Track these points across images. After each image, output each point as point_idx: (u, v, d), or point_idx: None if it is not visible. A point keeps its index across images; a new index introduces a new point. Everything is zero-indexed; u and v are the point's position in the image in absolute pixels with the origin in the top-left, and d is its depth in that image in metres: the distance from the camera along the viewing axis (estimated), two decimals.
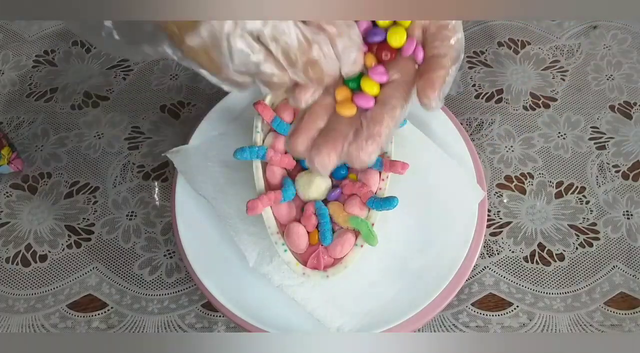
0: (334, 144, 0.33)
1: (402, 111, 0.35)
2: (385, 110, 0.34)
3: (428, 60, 0.35)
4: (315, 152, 0.33)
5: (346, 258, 0.41)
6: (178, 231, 0.47)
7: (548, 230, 0.50)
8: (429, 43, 0.36)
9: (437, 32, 0.35)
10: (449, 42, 0.35)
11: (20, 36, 0.65)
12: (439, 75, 0.34)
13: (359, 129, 0.34)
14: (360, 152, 0.33)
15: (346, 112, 0.35)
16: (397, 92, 0.35)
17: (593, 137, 0.55)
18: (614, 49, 0.60)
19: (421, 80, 0.35)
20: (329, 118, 0.35)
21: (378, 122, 0.34)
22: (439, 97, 0.34)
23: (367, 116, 0.34)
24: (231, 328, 0.48)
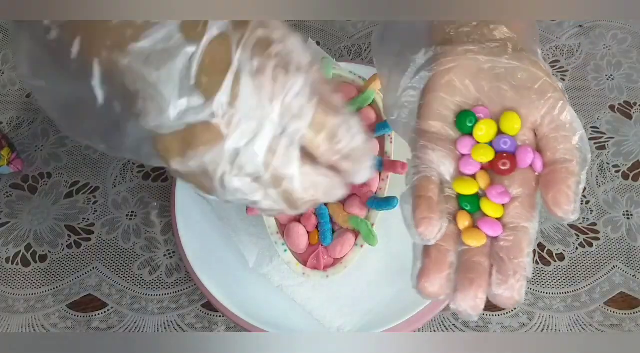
0: (480, 282, 0.29)
1: (535, 231, 0.31)
2: (519, 236, 0.31)
3: (552, 166, 0.31)
4: (462, 296, 0.29)
5: (346, 258, 0.41)
6: (178, 231, 0.47)
7: (548, 230, 0.50)
8: (548, 146, 0.32)
9: (555, 135, 0.31)
10: (571, 144, 0.31)
11: None
12: (571, 184, 0.30)
13: (500, 264, 0.30)
14: (513, 293, 0.29)
15: (476, 243, 0.31)
16: (522, 210, 0.31)
17: (593, 137, 0.55)
18: (614, 49, 0.60)
19: (551, 193, 0.30)
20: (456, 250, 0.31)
21: (518, 253, 0.30)
22: (577, 207, 0.30)
23: (503, 247, 0.30)
24: (231, 328, 0.48)
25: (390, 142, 0.45)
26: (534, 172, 0.32)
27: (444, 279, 0.30)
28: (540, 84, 0.32)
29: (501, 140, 0.32)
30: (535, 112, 0.32)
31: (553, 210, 0.30)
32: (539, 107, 0.31)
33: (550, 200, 0.31)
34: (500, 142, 0.32)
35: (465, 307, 0.29)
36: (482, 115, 0.32)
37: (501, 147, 0.32)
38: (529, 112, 0.32)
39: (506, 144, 0.32)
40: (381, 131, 0.45)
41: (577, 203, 0.30)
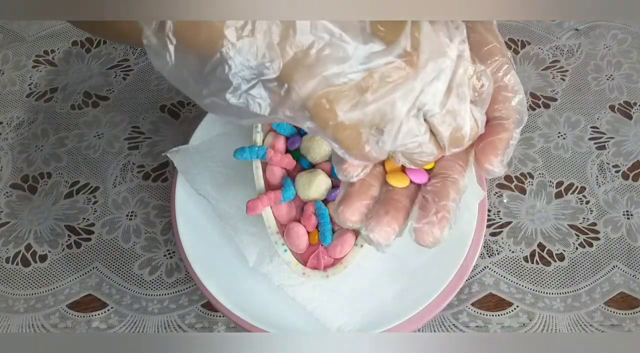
0: (396, 214, 0.31)
1: (464, 184, 0.32)
2: (447, 184, 0.32)
3: (489, 124, 0.32)
4: (375, 223, 0.30)
5: (346, 258, 0.41)
6: (178, 231, 0.47)
7: (548, 230, 0.50)
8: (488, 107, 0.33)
9: (496, 95, 0.32)
10: (510, 103, 0.32)
11: (20, 36, 0.65)
12: (502, 138, 0.32)
13: (424, 203, 0.31)
14: (432, 228, 0.30)
15: (399, 184, 0.32)
16: (454, 164, 0.32)
17: (593, 137, 0.55)
18: (614, 49, 0.60)
19: (481, 144, 0.32)
20: (381, 188, 0.32)
21: (444, 196, 0.31)
22: (502, 162, 0.32)
23: (430, 191, 0.31)
24: (231, 328, 0.48)
25: None
26: None
27: (362, 207, 0.31)
28: (489, 47, 0.32)
29: None
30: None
31: (480, 159, 0.32)
32: (486, 66, 0.32)
33: (479, 150, 0.32)
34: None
35: (377, 235, 0.30)
36: None
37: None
38: None
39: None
40: None
41: (506, 158, 0.32)
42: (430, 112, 0.28)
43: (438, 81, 0.27)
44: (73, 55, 0.63)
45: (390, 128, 0.27)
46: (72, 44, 0.64)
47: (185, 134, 0.51)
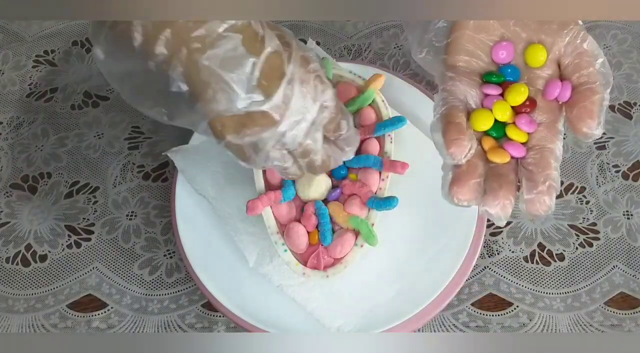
0: (509, 188, 0.32)
1: (560, 151, 0.34)
2: (545, 154, 0.33)
3: (577, 90, 0.34)
4: (492, 197, 0.32)
5: (346, 258, 0.41)
6: (178, 231, 0.47)
7: (548, 230, 0.50)
8: (572, 74, 0.34)
9: (578, 62, 0.34)
10: (594, 68, 0.34)
11: (20, 36, 0.65)
12: (594, 100, 0.33)
13: (529, 175, 0.32)
14: (544, 197, 0.31)
15: (500, 159, 0.33)
16: (549, 134, 0.34)
17: None
18: (614, 49, 0.60)
19: (575, 110, 0.33)
20: (484, 165, 0.33)
21: (546, 166, 0.32)
22: (600, 123, 0.33)
23: (531, 163, 0.33)
24: (231, 328, 0.48)
25: (390, 142, 0.45)
26: (558, 103, 0.35)
27: (475, 185, 0.32)
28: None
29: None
30: (558, 41, 0.35)
31: (577, 125, 0.33)
32: (562, 37, 0.34)
33: (574, 116, 0.33)
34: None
35: (496, 209, 0.32)
36: (507, 52, 0.36)
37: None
38: (553, 42, 0.35)
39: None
40: (381, 131, 0.45)
41: (601, 120, 0.33)
42: (292, 148, 0.35)
43: (297, 129, 0.34)
44: (73, 55, 0.63)
45: (261, 154, 0.35)
46: (72, 44, 0.64)
47: (185, 134, 0.51)
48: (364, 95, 0.46)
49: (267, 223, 0.42)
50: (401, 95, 0.50)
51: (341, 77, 0.48)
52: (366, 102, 0.47)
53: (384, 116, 0.46)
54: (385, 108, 0.47)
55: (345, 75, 0.48)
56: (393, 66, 0.59)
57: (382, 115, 0.46)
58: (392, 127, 0.45)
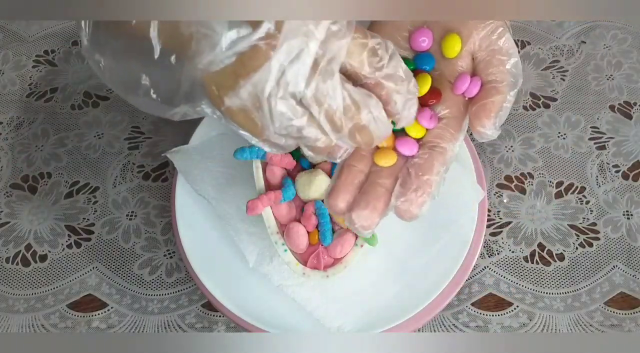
0: (376, 201, 0.31)
1: (453, 153, 0.32)
2: (434, 155, 0.32)
3: (483, 88, 0.33)
4: (355, 214, 0.32)
5: (346, 258, 0.41)
6: (178, 231, 0.47)
7: (548, 230, 0.50)
8: (482, 70, 0.34)
9: (490, 58, 0.33)
10: (504, 67, 0.33)
11: (20, 36, 0.65)
12: (495, 100, 0.32)
13: (406, 178, 0.31)
14: (410, 206, 0.31)
15: (385, 163, 0.32)
16: (445, 132, 0.33)
17: (593, 137, 0.55)
18: (614, 49, 0.60)
19: (475, 107, 0.32)
20: (369, 169, 0.33)
21: (427, 169, 0.31)
22: (495, 124, 0.32)
23: (414, 164, 0.32)
24: (231, 328, 0.48)
25: None
26: (464, 98, 0.34)
27: (349, 197, 0.32)
28: None
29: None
30: (474, 34, 0.33)
31: (473, 122, 0.32)
32: (479, 30, 0.33)
33: (472, 113, 0.32)
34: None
35: (358, 224, 0.32)
36: (426, 39, 0.34)
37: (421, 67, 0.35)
38: (469, 34, 0.33)
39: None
40: None
41: (498, 121, 0.32)
42: (299, 93, 0.26)
43: (299, 61, 0.25)
44: (73, 55, 0.63)
45: (264, 111, 0.26)
46: (72, 44, 0.64)
47: (185, 134, 0.51)
48: None
49: (267, 223, 0.42)
50: None
51: None
52: None
53: None
54: None
55: None
56: None
57: None
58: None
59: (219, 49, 0.25)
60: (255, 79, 0.26)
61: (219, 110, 0.27)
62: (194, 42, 0.25)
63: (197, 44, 0.25)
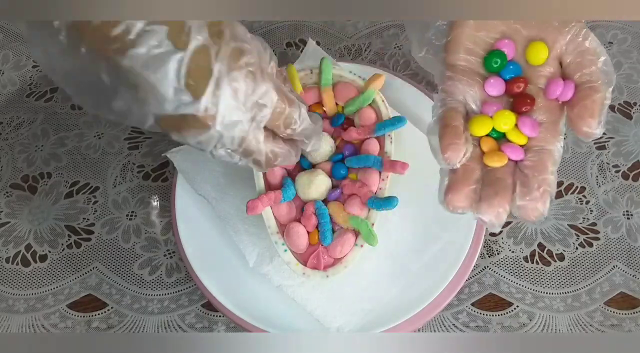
0: (504, 194, 0.32)
1: (560, 152, 0.34)
2: (544, 157, 0.33)
3: (579, 89, 0.33)
4: (487, 205, 0.31)
5: (346, 258, 0.41)
6: (178, 231, 0.47)
7: (548, 230, 0.50)
8: (574, 73, 0.34)
9: (580, 60, 0.34)
10: (596, 66, 0.33)
11: (20, 36, 0.65)
12: (596, 99, 0.32)
13: (524, 180, 0.32)
14: (537, 204, 0.31)
15: (497, 163, 0.33)
16: (547, 136, 0.34)
17: None
18: (614, 49, 0.60)
19: (576, 109, 0.33)
20: (482, 169, 0.33)
21: (542, 170, 0.32)
22: (600, 123, 0.32)
23: (528, 166, 0.33)
24: (231, 328, 0.48)
25: (390, 142, 0.45)
26: (559, 102, 0.34)
27: (470, 192, 0.32)
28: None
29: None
30: (560, 39, 0.34)
31: (577, 124, 0.33)
32: (564, 34, 0.34)
33: (575, 115, 0.33)
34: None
35: (490, 216, 0.31)
36: (508, 50, 0.35)
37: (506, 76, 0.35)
38: (555, 40, 0.34)
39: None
40: (381, 131, 0.45)
41: (602, 118, 0.32)
42: (232, 148, 0.33)
43: (235, 130, 0.32)
44: None
45: (207, 153, 0.33)
46: None
47: None
48: (364, 95, 0.46)
49: (267, 223, 0.42)
50: (401, 95, 0.50)
51: (341, 77, 0.48)
52: (366, 102, 0.47)
53: (384, 116, 0.46)
54: (385, 108, 0.47)
55: (345, 75, 0.48)
56: (393, 66, 0.59)
57: (382, 115, 0.46)
58: (392, 127, 0.45)
59: (164, 108, 0.30)
60: (198, 137, 0.31)
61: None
62: (141, 92, 0.29)
63: (144, 94, 0.29)
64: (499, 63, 0.35)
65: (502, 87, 0.35)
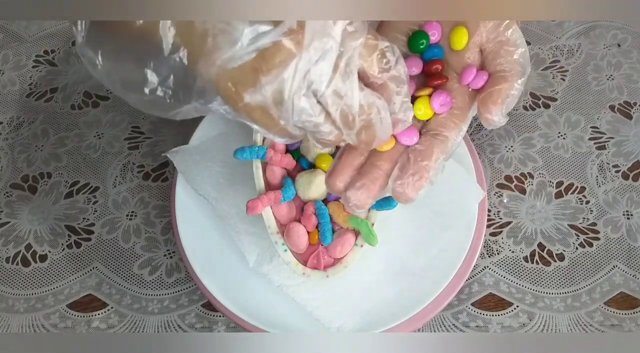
0: (372, 182, 0.33)
1: (455, 143, 0.33)
2: (435, 143, 0.33)
3: (491, 77, 0.34)
4: (351, 192, 0.33)
5: (346, 258, 0.41)
6: (178, 231, 0.47)
7: (548, 230, 0.50)
8: (491, 62, 0.34)
9: (498, 50, 0.34)
10: (512, 57, 0.34)
11: (20, 36, 0.65)
12: (502, 88, 0.33)
13: (405, 163, 0.33)
14: (406, 189, 0.32)
15: (382, 147, 0.33)
16: (449, 121, 0.34)
17: (593, 137, 0.55)
18: (614, 49, 0.60)
19: (482, 95, 0.33)
20: (369, 153, 0.34)
21: (427, 156, 0.32)
22: (502, 111, 0.33)
23: (414, 149, 0.33)
24: (231, 328, 0.48)
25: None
26: (470, 90, 0.35)
27: (348, 178, 0.34)
28: None
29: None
30: (482, 27, 0.34)
31: (481, 110, 0.33)
32: (485, 22, 0.34)
33: (480, 101, 0.33)
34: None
35: (352, 203, 0.33)
36: (435, 33, 0.35)
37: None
38: (476, 26, 0.34)
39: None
40: None
41: (505, 108, 0.33)
42: (319, 92, 0.28)
43: (323, 61, 0.27)
44: (73, 55, 0.63)
45: (286, 107, 0.27)
46: (72, 44, 0.64)
47: (185, 134, 0.51)
48: None
49: (267, 223, 0.42)
50: None
51: None
52: None
53: None
54: None
55: None
56: None
57: None
58: None
59: (239, 45, 0.25)
60: (281, 77, 0.26)
61: (234, 107, 0.28)
62: (210, 39, 0.25)
63: (213, 40, 0.25)
64: (424, 44, 0.35)
65: (419, 66, 0.36)
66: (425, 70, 0.36)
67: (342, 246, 0.41)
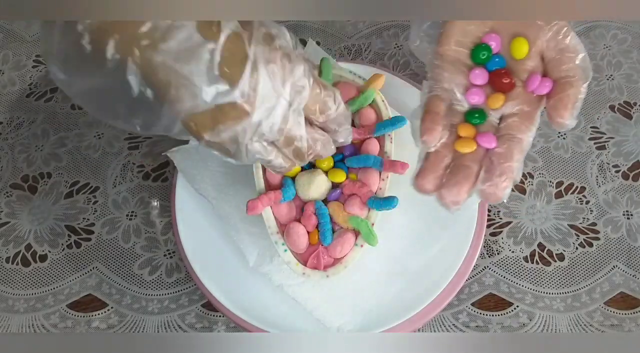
0: (465, 180, 0.34)
1: (528, 143, 0.36)
2: (512, 145, 0.35)
3: (557, 83, 0.36)
4: (446, 190, 0.34)
5: (346, 258, 0.41)
6: (178, 231, 0.47)
7: (548, 230, 0.50)
8: (554, 68, 0.36)
9: (560, 57, 0.36)
10: (574, 63, 0.36)
11: (20, 36, 0.65)
12: (571, 93, 0.35)
13: (490, 165, 0.35)
14: (496, 189, 0.34)
15: (466, 149, 0.36)
16: (520, 124, 0.36)
17: (593, 137, 0.55)
18: (614, 49, 0.60)
19: (552, 101, 0.35)
20: (455, 155, 0.36)
21: (508, 157, 0.35)
22: (573, 115, 0.35)
23: (495, 153, 0.35)
24: (231, 328, 0.48)
25: (390, 142, 0.45)
26: (535, 95, 0.37)
27: (437, 178, 0.35)
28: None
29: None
30: (541, 36, 0.36)
31: (552, 115, 0.35)
32: (545, 32, 0.36)
33: (550, 107, 0.36)
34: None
35: (447, 200, 0.35)
36: (494, 44, 0.38)
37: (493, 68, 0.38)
38: (536, 36, 0.36)
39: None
40: (381, 131, 0.45)
41: (575, 111, 0.35)
42: (271, 138, 0.33)
43: (273, 116, 0.31)
44: None
45: (240, 148, 0.32)
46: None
47: None
48: (364, 95, 0.46)
49: (267, 223, 0.42)
50: (401, 95, 0.50)
51: (341, 77, 0.48)
52: (366, 102, 0.47)
53: (384, 116, 0.46)
54: (385, 108, 0.47)
55: (345, 75, 0.48)
56: (393, 66, 0.59)
57: (382, 115, 0.46)
58: (392, 127, 0.45)
59: (200, 100, 0.30)
60: (236, 128, 0.31)
61: (198, 140, 0.32)
62: (173, 89, 0.29)
63: (176, 91, 0.29)
64: (486, 56, 0.37)
65: (485, 77, 0.37)
66: (490, 80, 0.38)
67: (342, 246, 0.41)
